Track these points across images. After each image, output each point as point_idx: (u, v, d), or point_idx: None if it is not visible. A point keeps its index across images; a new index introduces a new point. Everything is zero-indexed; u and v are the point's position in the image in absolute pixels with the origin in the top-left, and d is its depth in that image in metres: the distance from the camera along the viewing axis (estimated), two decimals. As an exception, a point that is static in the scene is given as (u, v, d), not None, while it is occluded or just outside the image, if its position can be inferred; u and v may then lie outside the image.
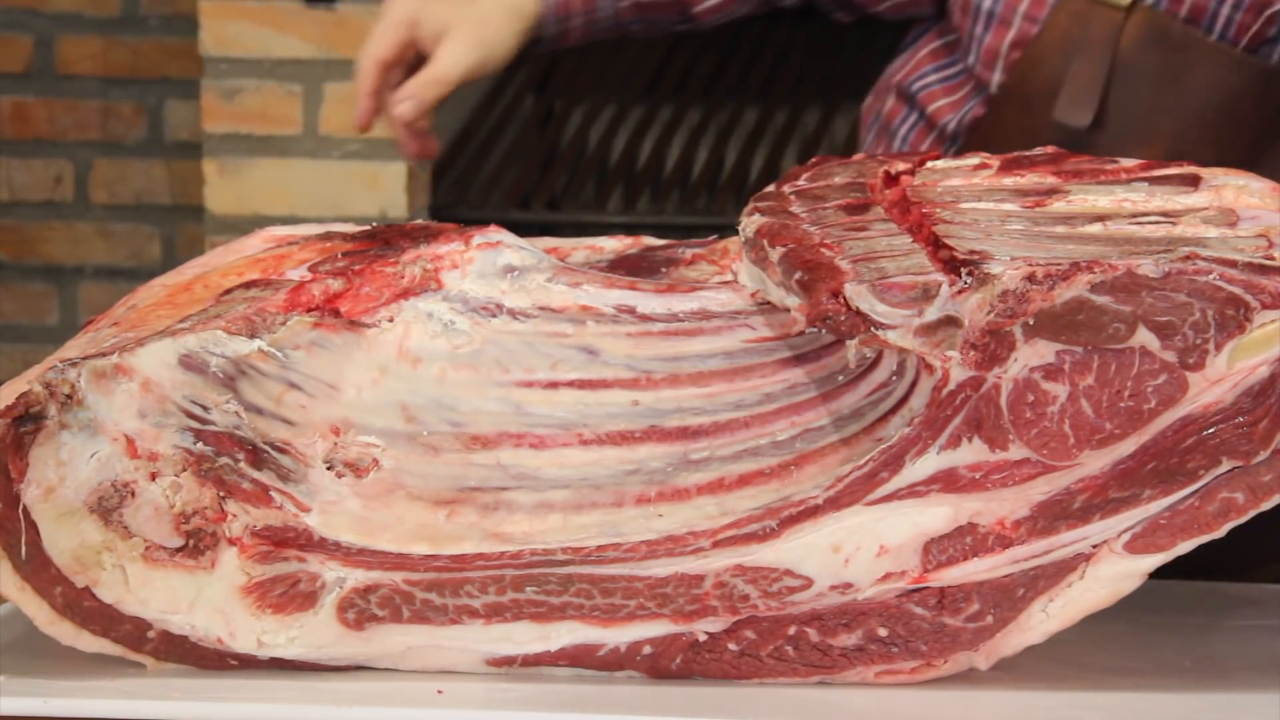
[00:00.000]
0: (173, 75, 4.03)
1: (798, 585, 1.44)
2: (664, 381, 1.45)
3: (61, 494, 1.44)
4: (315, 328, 1.45)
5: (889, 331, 1.38)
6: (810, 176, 1.61)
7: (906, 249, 1.43)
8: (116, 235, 4.09)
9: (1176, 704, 1.44)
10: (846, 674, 1.46)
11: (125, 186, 4.08)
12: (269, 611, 1.46)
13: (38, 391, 1.43)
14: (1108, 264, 1.37)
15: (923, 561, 1.43)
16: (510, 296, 1.48)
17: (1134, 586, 1.44)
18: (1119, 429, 1.39)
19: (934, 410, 1.40)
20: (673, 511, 1.45)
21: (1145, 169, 1.54)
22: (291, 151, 3.48)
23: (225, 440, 1.45)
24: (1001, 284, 1.37)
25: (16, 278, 4.11)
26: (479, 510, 1.46)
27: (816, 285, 1.39)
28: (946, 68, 2.00)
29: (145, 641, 1.47)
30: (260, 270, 1.53)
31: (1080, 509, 1.42)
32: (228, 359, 1.44)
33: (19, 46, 4.06)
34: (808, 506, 1.43)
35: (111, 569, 1.45)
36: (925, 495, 1.42)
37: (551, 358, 1.46)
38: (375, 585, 1.46)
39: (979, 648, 1.45)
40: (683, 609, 1.45)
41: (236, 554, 1.46)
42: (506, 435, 1.45)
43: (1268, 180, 1.51)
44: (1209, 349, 1.37)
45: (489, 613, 1.46)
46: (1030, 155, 1.59)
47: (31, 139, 4.07)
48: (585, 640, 1.46)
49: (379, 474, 1.45)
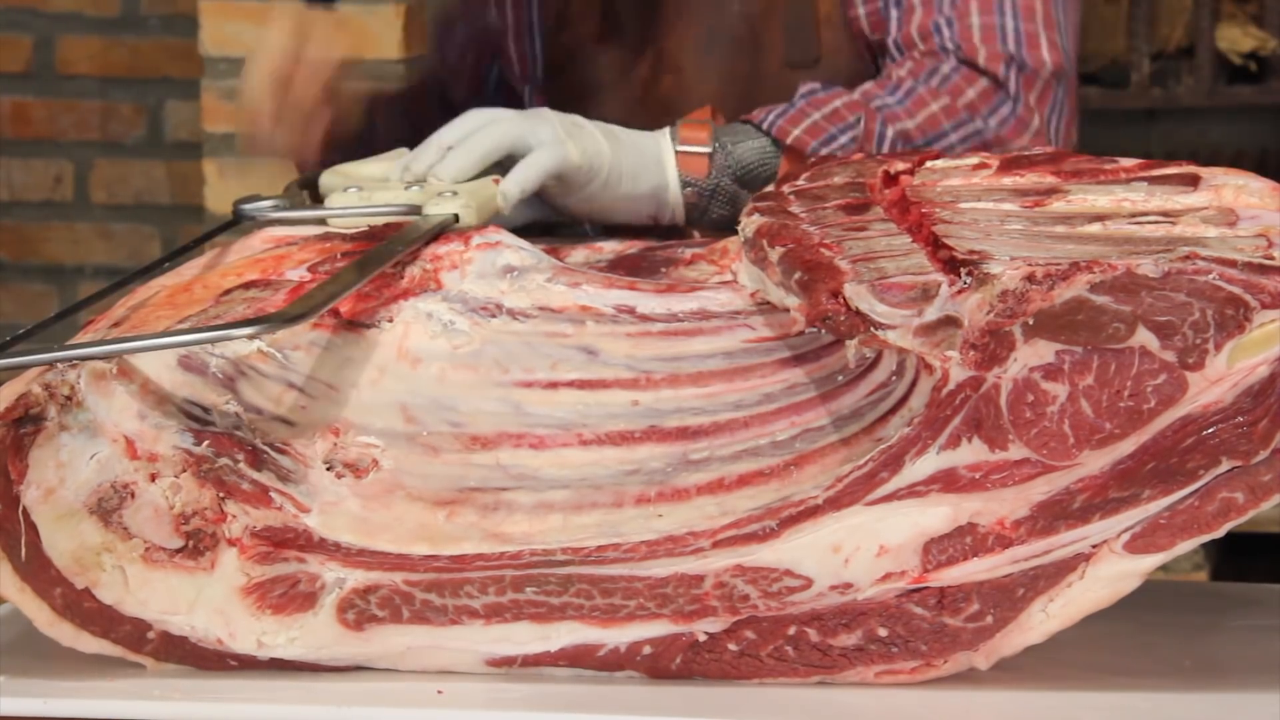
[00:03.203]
0: (173, 75, 4.03)
1: (798, 585, 1.44)
2: (664, 381, 1.45)
3: (61, 495, 1.44)
4: (315, 328, 1.45)
5: (889, 331, 1.38)
6: (810, 176, 1.61)
7: (906, 249, 1.43)
8: (116, 235, 4.09)
9: (1176, 704, 1.44)
10: (846, 674, 1.45)
11: (125, 186, 4.08)
12: (269, 612, 1.46)
13: (37, 393, 1.43)
14: (1107, 264, 1.37)
15: (923, 561, 1.43)
16: (510, 297, 1.48)
17: (1134, 586, 1.44)
18: (1119, 429, 1.39)
19: (934, 410, 1.40)
20: (673, 512, 1.45)
21: (1145, 168, 1.54)
22: (291, 151, 3.48)
23: (225, 441, 1.45)
24: (1001, 284, 1.37)
25: (16, 278, 4.11)
26: (479, 511, 1.46)
27: (816, 285, 1.39)
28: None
29: (145, 642, 1.47)
30: (260, 270, 1.53)
31: (1080, 509, 1.42)
32: (227, 360, 1.44)
33: (19, 46, 4.06)
34: (808, 506, 1.43)
35: (111, 570, 1.45)
36: (925, 495, 1.42)
37: (551, 358, 1.46)
38: (375, 586, 1.46)
39: (979, 648, 1.45)
40: (683, 609, 1.45)
41: (236, 555, 1.46)
42: (506, 435, 1.45)
43: (1267, 180, 1.51)
44: (1209, 349, 1.37)
45: (489, 613, 1.46)
46: (1030, 155, 1.59)
47: (31, 139, 4.07)
48: (585, 640, 1.46)
49: (379, 474, 1.45)
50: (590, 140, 1.79)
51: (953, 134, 1.91)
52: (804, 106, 1.88)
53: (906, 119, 1.89)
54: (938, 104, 1.90)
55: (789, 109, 1.88)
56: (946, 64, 1.93)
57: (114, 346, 1.42)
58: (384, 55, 3.31)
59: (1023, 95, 1.93)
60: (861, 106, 1.88)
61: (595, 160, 1.79)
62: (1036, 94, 1.94)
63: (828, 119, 1.87)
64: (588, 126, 1.80)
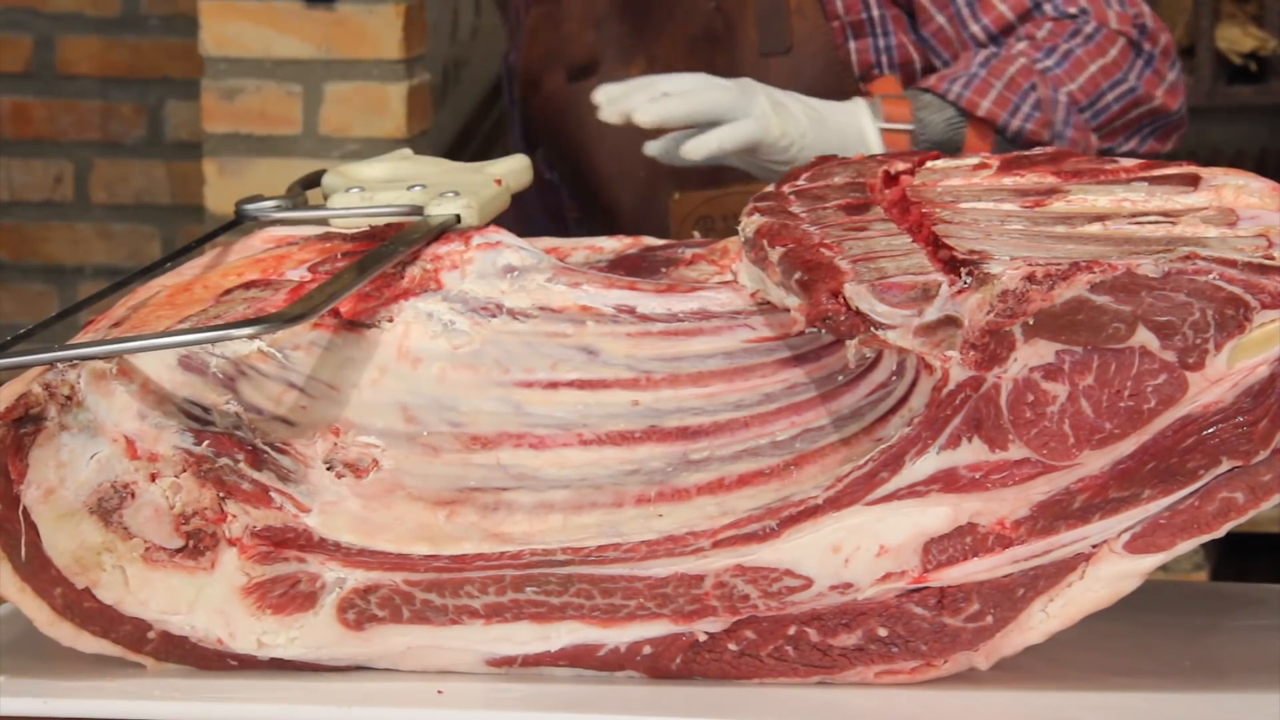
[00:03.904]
0: (173, 75, 4.03)
1: (798, 585, 1.44)
2: (664, 381, 1.45)
3: (61, 495, 1.44)
4: (315, 328, 1.45)
5: (889, 331, 1.38)
6: (810, 176, 1.61)
7: (906, 249, 1.43)
8: (116, 235, 4.09)
9: (1176, 704, 1.44)
10: (846, 674, 1.45)
11: (125, 186, 4.08)
12: (269, 612, 1.46)
13: (37, 393, 1.43)
14: (1107, 264, 1.37)
15: (923, 561, 1.43)
16: (510, 296, 1.48)
17: (1134, 586, 1.44)
18: (1119, 429, 1.39)
19: (934, 410, 1.40)
20: (673, 511, 1.45)
21: (1145, 169, 1.54)
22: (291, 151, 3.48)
23: (225, 441, 1.45)
24: (1001, 284, 1.37)
25: (16, 278, 4.11)
26: (479, 510, 1.46)
27: (816, 285, 1.39)
28: None
29: (145, 642, 1.47)
30: (260, 270, 1.53)
31: (1080, 509, 1.42)
32: (228, 360, 1.44)
33: (19, 46, 4.06)
34: (808, 506, 1.43)
35: (111, 570, 1.45)
36: (925, 495, 1.42)
37: (551, 358, 1.46)
38: (375, 585, 1.46)
39: (979, 648, 1.45)
40: (683, 609, 1.45)
41: (236, 554, 1.46)
42: (506, 435, 1.45)
43: (1267, 180, 1.51)
44: (1209, 349, 1.37)
45: (489, 613, 1.46)
46: (1030, 155, 1.59)
47: (31, 139, 4.07)
48: (585, 640, 1.46)
49: (379, 474, 1.45)
50: (792, 121, 1.87)
51: (1109, 93, 1.95)
52: (986, 76, 1.89)
53: (1069, 82, 1.92)
54: (1095, 65, 1.94)
55: (972, 78, 1.90)
56: (1087, 25, 1.95)
57: (114, 346, 1.42)
58: (384, 55, 3.30)
59: (1155, 52, 1.98)
60: (1032, 72, 1.89)
61: (794, 139, 1.88)
62: (1161, 49, 1.99)
63: (1008, 88, 1.89)
64: (792, 106, 1.87)
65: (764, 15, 2.05)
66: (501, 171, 1.68)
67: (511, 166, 1.69)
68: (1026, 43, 1.96)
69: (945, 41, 2.04)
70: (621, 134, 1.95)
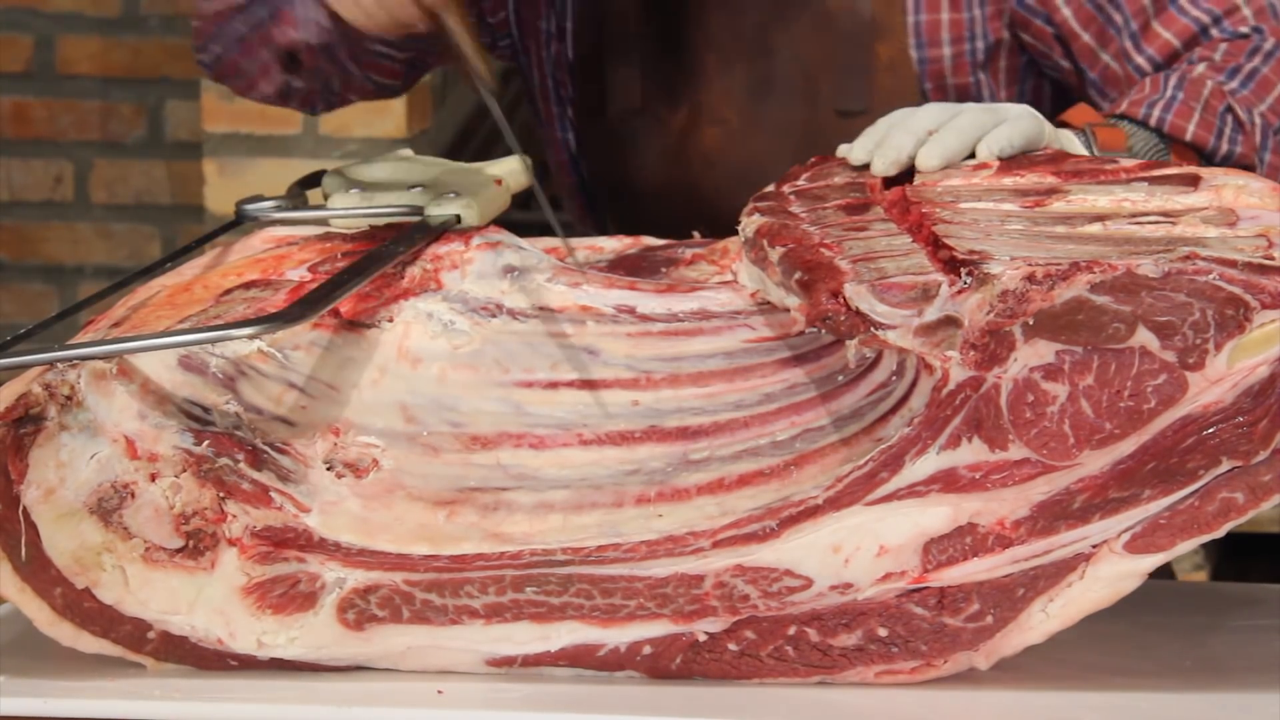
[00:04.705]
0: (173, 75, 4.03)
1: (798, 585, 1.44)
2: (664, 381, 1.45)
3: (61, 495, 1.44)
4: (315, 328, 1.45)
5: (889, 331, 1.38)
6: (810, 176, 1.61)
7: (906, 249, 1.43)
8: (116, 235, 4.09)
9: (1176, 704, 1.44)
10: (846, 674, 1.45)
11: (125, 186, 4.08)
12: (269, 612, 1.46)
13: (37, 393, 1.43)
14: (1107, 264, 1.37)
15: (923, 561, 1.43)
16: (510, 297, 1.48)
17: (1134, 586, 1.44)
18: (1119, 429, 1.39)
19: (934, 410, 1.40)
20: (673, 511, 1.45)
21: (1145, 169, 1.54)
22: (291, 151, 3.48)
23: (225, 441, 1.45)
24: (1001, 284, 1.37)
25: (16, 278, 4.11)
26: (479, 510, 1.46)
27: (816, 285, 1.39)
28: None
29: (145, 642, 1.47)
30: (260, 270, 1.53)
31: (1080, 509, 1.42)
32: (227, 360, 1.45)
33: (19, 46, 4.06)
34: (808, 506, 1.43)
35: (111, 570, 1.45)
36: (925, 495, 1.42)
37: (551, 358, 1.46)
38: (375, 586, 1.46)
39: (979, 648, 1.45)
40: (683, 609, 1.45)
41: (236, 555, 1.46)
42: (506, 435, 1.45)
43: (1267, 180, 1.51)
44: (1209, 349, 1.37)
45: (489, 613, 1.46)
46: (1030, 155, 1.59)
47: (31, 139, 4.07)
48: (585, 640, 1.46)
49: (379, 474, 1.45)
50: (1038, 132, 1.71)
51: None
52: (1185, 99, 1.77)
53: (1258, 103, 1.79)
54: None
55: (1171, 101, 1.76)
56: (1266, 43, 1.83)
57: (114, 346, 1.42)
58: (384, 55, 3.30)
59: None
60: (1224, 94, 1.77)
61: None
62: None
63: (1206, 110, 1.76)
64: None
65: (845, 71, 1.93)
66: (501, 172, 1.68)
67: (511, 167, 1.69)
68: (1205, 65, 1.84)
69: (1112, 80, 1.91)
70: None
